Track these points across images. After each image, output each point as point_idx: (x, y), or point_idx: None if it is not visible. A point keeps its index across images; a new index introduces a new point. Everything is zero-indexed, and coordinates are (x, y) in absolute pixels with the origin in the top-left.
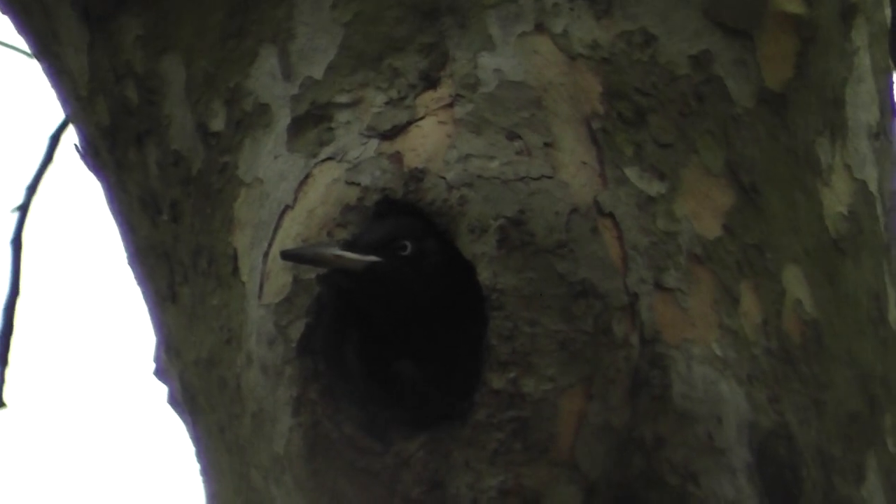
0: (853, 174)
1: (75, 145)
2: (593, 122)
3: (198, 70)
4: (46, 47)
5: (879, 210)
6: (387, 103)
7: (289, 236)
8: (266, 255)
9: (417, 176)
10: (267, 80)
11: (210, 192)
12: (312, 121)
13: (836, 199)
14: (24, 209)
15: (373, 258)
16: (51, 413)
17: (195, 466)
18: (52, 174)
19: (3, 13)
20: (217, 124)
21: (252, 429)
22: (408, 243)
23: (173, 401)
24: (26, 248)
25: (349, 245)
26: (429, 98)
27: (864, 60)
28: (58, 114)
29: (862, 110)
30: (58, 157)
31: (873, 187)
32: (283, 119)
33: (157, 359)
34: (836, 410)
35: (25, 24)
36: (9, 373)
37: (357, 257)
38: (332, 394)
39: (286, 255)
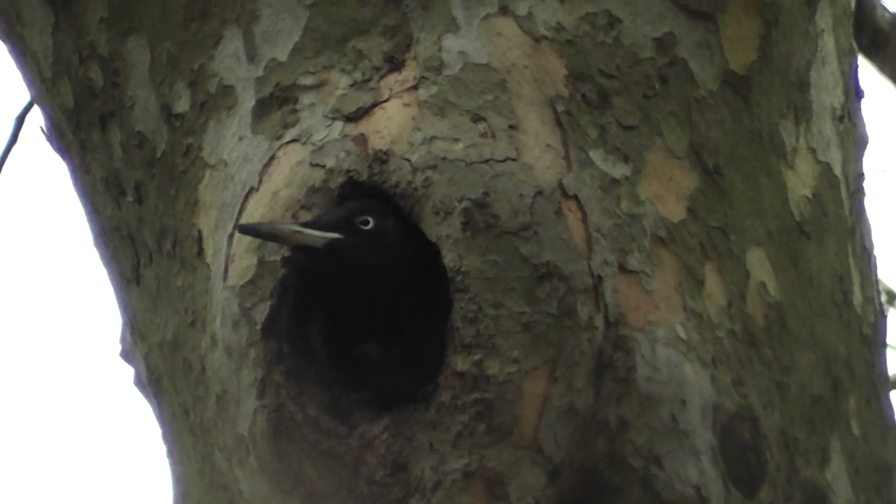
0: (817, 157)
1: (41, 126)
2: (557, 104)
3: (162, 52)
4: (11, 28)
5: (844, 193)
6: (351, 85)
7: (253, 218)
8: (231, 237)
9: (382, 158)
10: (231, 62)
11: (174, 173)
12: (277, 103)
13: (801, 181)
14: None
15: (333, 235)
16: (18, 395)
17: (162, 448)
18: (18, 155)
19: None
20: (181, 106)
21: (216, 411)
22: (370, 218)
23: (139, 383)
24: None
25: (311, 224)
26: (393, 80)
27: (828, 43)
28: (23, 95)
29: (826, 93)
30: (23, 138)
31: (838, 170)
32: (247, 101)
33: (122, 340)
34: (800, 393)
35: None
36: None
37: (317, 234)
38: (297, 376)
39: (244, 229)
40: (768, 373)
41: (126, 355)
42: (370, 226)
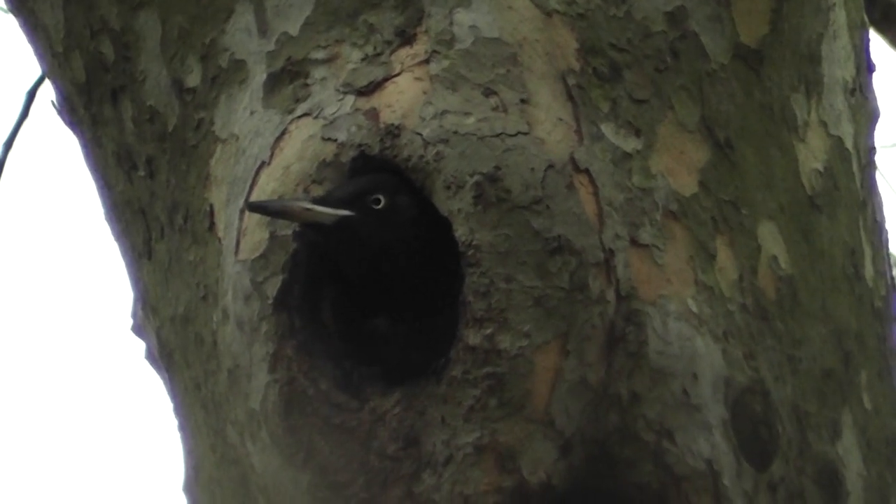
0: (829, 130)
1: (52, 101)
2: (569, 78)
3: (173, 26)
4: (22, 3)
5: (855, 166)
6: (363, 59)
7: (265, 192)
8: (242, 211)
9: (393, 132)
10: (242, 36)
11: (186, 148)
12: (288, 77)
13: (812, 155)
14: (0, 165)
15: (344, 212)
16: (30, 370)
17: (173, 422)
18: (29, 129)
19: None
20: (192, 80)
21: (228, 385)
22: (381, 197)
23: (151, 357)
24: (3, 203)
25: (321, 200)
26: (405, 54)
27: (839, 16)
28: (35, 69)
29: (837, 66)
30: (35, 113)
31: (849, 143)
32: (258, 75)
33: (134, 315)
34: (811, 367)
35: None
36: None
37: (328, 211)
38: (308, 350)
39: (253, 206)
40: (780, 346)
41: (137, 329)
42: (381, 205)
